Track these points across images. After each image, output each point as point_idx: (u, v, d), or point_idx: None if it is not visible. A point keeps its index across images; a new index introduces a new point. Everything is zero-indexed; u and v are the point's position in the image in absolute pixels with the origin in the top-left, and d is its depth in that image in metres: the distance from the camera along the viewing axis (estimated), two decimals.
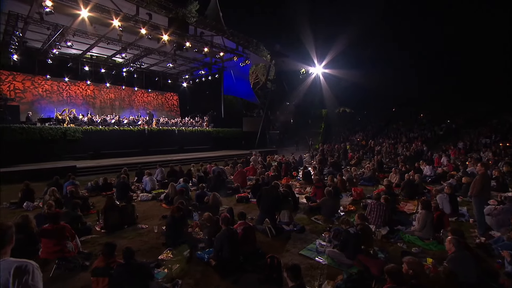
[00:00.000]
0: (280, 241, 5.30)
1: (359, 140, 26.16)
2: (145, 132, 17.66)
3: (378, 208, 5.88)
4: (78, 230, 5.39)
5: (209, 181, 9.27)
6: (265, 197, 5.91)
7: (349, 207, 7.35)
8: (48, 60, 18.43)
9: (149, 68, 24.32)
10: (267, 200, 5.85)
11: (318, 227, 6.02)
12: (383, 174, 12.58)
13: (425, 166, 11.71)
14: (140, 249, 4.94)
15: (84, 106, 21.23)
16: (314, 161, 16.34)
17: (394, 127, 29.73)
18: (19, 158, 13.17)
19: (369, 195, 8.65)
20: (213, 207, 5.76)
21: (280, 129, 32.61)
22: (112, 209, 5.88)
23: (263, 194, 5.98)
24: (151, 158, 15.91)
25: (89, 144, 15.40)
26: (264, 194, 5.95)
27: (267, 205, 5.84)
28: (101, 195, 8.62)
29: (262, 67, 33.62)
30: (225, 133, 23.71)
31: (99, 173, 12.44)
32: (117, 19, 14.12)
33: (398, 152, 19.80)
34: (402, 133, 26.21)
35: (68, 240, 4.16)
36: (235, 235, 4.33)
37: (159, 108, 26.63)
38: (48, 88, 20.07)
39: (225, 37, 19.76)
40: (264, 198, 5.92)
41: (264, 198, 5.92)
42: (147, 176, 9.10)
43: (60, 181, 8.32)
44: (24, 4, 13.83)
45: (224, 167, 12.39)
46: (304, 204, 7.63)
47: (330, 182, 8.69)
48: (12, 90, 18.83)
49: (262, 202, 5.95)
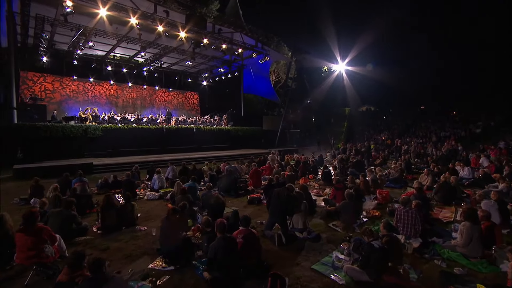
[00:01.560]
0: (291, 251, 4.51)
1: (384, 139, 24.47)
2: (163, 130, 17.47)
3: (408, 215, 4.91)
4: (71, 230, 4.97)
5: (219, 180, 8.66)
6: (275, 200, 5.14)
7: (373, 212, 6.37)
8: (74, 61, 18.88)
9: (169, 68, 24.31)
10: (277, 203, 5.08)
11: (336, 236, 5.14)
12: (411, 175, 11.35)
13: (462, 167, 10.28)
14: (132, 254, 4.38)
15: (107, 105, 21.58)
16: (335, 160, 15.25)
17: (422, 125, 27.60)
18: (43, 154, 13.43)
19: (396, 199, 7.59)
20: (216, 209, 5.09)
21: (301, 127, 31.47)
22: (109, 209, 5.41)
23: (273, 196, 5.22)
24: (169, 156, 15.66)
25: (109, 142, 15.43)
26: (275, 196, 5.19)
27: (277, 208, 5.07)
28: (111, 193, 8.27)
29: (283, 65, 32.70)
30: (244, 132, 23.08)
31: (115, 170, 12.27)
32: (135, 17, 13.98)
33: (427, 151, 18.14)
34: (431, 132, 24.20)
35: (47, 244, 3.67)
36: (233, 245, 3.62)
37: (180, 107, 26.60)
38: (75, 89, 20.60)
39: (244, 33, 19.15)
40: (274, 201, 5.16)
41: (274, 200, 5.16)
42: (156, 174, 8.65)
43: (70, 178, 8.08)
44: (49, 7, 14.14)
45: (239, 166, 11.76)
46: (322, 208, 6.77)
47: (351, 184, 7.74)
48: (43, 91, 19.52)
49: (272, 205, 5.19)
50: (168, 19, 15.10)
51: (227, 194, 8.20)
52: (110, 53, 20.17)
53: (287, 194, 5.03)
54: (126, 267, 3.95)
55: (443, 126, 25.40)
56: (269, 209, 5.27)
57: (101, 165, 12.71)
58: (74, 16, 14.35)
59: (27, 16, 14.60)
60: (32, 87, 19.08)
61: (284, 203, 4.97)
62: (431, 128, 25.60)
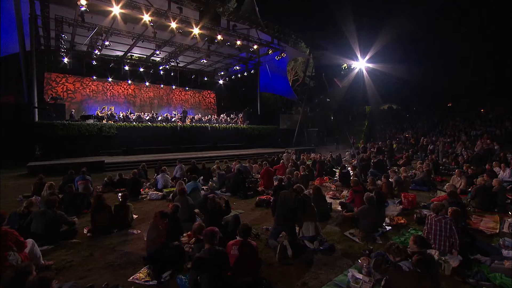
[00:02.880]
0: (297, 266, 3.73)
1: (407, 137, 22.82)
2: (178, 129, 17.17)
3: (442, 224, 3.98)
4: (57, 233, 4.51)
5: (227, 180, 8.02)
6: (281, 204, 4.40)
7: (397, 220, 5.43)
8: (93, 61, 19.10)
9: (186, 67, 24.14)
10: (283, 207, 4.33)
11: (353, 248, 4.30)
12: (440, 177, 10.15)
13: (503, 168, 8.94)
14: (115, 263, 3.80)
15: (125, 104, 21.71)
16: (354, 160, 14.17)
17: (450, 123, 25.55)
18: (60, 152, 13.52)
19: (424, 204, 6.59)
20: (213, 212, 4.43)
21: (320, 126, 30.28)
22: (100, 210, 4.90)
23: (279, 200, 4.48)
24: (183, 155, 15.27)
25: (123, 140, 15.32)
26: (281, 199, 4.44)
27: (282, 214, 4.32)
28: (114, 192, 7.89)
29: (301, 63, 31.68)
30: (260, 130, 22.40)
31: (127, 168, 11.99)
32: (148, 14, 13.73)
33: (456, 151, 16.51)
34: (460, 130, 22.25)
35: (12, 251, 3.17)
36: (222, 259, 2.92)
37: (196, 106, 26.39)
38: (94, 89, 20.89)
39: (260, 29, 18.47)
40: (280, 205, 4.41)
41: (280, 205, 4.41)
42: (160, 173, 8.15)
43: (75, 176, 7.77)
44: (67, 8, 14.21)
45: (251, 165, 11.08)
46: (338, 213, 5.92)
47: (372, 186, 6.80)
48: (65, 91, 19.93)
49: (278, 210, 4.44)
50: (182, 15, 14.74)
51: (235, 195, 7.56)
52: (128, 53, 20.27)
53: (294, 197, 4.27)
54: (103, 279, 3.37)
55: (473, 124, 23.32)
56: (274, 215, 4.53)
57: (113, 163, 12.51)
58: (91, 17, 14.51)
59: (47, 18, 14.81)
60: (55, 88, 19.53)
61: (292, 208, 4.21)
62: (460, 127, 23.58)
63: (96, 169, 11.74)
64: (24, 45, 14.27)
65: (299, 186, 4.66)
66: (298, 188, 4.61)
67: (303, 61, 30.49)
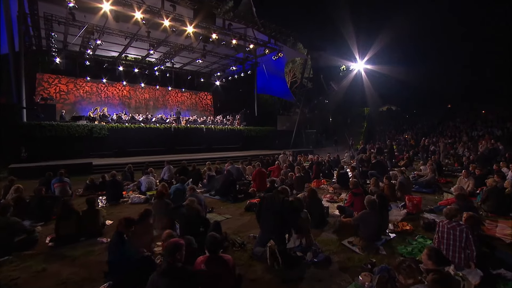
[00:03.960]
0: (287, 282, 3.11)
1: (407, 138, 22.25)
2: (172, 130, 16.56)
3: (456, 233, 3.36)
4: (10, 243, 3.88)
5: (216, 182, 7.39)
6: (267, 209, 3.77)
7: (402, 226, 4.80)
8: (86, 62, 18.55)
9: (182, 68, 23.61)
10: (269, 213, 3.70)
11: (353, 260, 3.67)
12: (444, 179, 9.53)
13: (511, 169, 8.31)
14: (68, 281, 3.16)
15: (120, 106, 21.11)
16: (354, 161, 13.55)
17: (450, 124, 25.04)
18: (48, 154, 12.86)
19: (430, 207, 5.98)
20: (190, 219, 3.80)
21: (318, 128, 29.67)
22: (67, 217, 4.28)
23: (264, 204, 3.85)
24: (177, 157, 14.64)
25: (115, 142, 14.68)
26: (266, 203, 3.82)
27: (268, 220, 3.70)
28: (95, 195, 7.24)
29: (299, 64, 31.21)
30: (257, 132, 21.76)
31: (116, 171, 11.37)
32: (140, 11, 13.20)
33: (458, 152, 15.94)
34: (461, 131, 21.70)
35: None
36: (181, 281, 2.30)
37: (193, 107, 25.79)
38: (88, 90, 20.30)
39: (256, 29, 17.95)
40: (265, 210, 3.79)
41: (265, 210, 3.79)
42: (144, 175, 7.51)
43: (52, 178, 7.13)
44: (57, 6, 13.65)
45: (244, 166, 10.46)
46: (335, 218, 5.29)
47: (374, 188, 6.17)
48: (57, 92, 19.33)
49: (263, 217, 3.82)
50: (175, 13, 14.22)
51: (224, 198, 6.93)
52: (123, 54, 19.73)
53: (280, 202, 3.65)
54: None
55: (473, 125, 22.82)
56: (259, 221, 3.89)
57: (102, 165, 11.89)
58: (84, 16, 14.00)
59: (36, 16, 14.28)
60: (48, 89, 18.92)
61: (278, 214, 3.58)
62: (461, 127, 23.05)
63: (84, 172, 11.11)
64: (13, 45, 13.74)
65: (284, 188, 4.04)
66: (283, 189, 3.99)
67: (301, 62, 30.01)
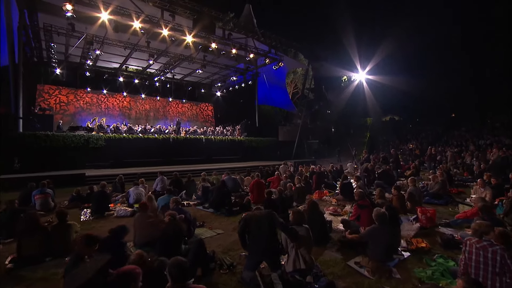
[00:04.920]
0: None
1: (411, 148, 21.61)
2: (170, 141, 16.12)
3: (488, 255, 2.75)
4: None
5: (210, 194, 6.82)
6: (255, 229, 3.18)
7: (416, 243, 4.17)
8: (86, 72, 18.43)
9: (183, 79, 23.47)
10: (257, 234, 3.11)
11: (361, 285, 3.05)
12: (456, 189, 8.87)
13: None
14: None
15: (120, 117, 20.81)
16: (357, 172, 12.91)
17: (455, 133, 24.46)
18: (42, 164, 12.46)
19: (446, 220, 5.35)
20: (167, 237, 3.23)
21: (320, 138, 29.11)
22: (31, 234, 3.74)
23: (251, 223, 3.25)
24: (174, 168, 14.04)
25: (112, 153, 14.23)
26: (254, 222, 3.23)
27: (258, 244, 3.11)
28: (80, 208, 6.71)
29: (301, 75, 31.05)
30: (258, 143, 21.27)
31: (110, 182, 10.85)
32: (138, 21, 13.04)
33: (465, 161, 15.28)
34: (467, 140, 21.07)
35: None
36: None
37: (194, 118, 25.47)
38: (89, 101, 20.09)
39: (256, 38, 17.77)
40: (253, 231, 3.19)
41: (253, 230, 3.19)
42: (133, 186, 6.96)
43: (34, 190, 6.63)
44: (56, 17, 13.55)
45: (242, 177, 9.91)
46: (339, 233, 4.68)
47: (380, 199, 5.56)
48: (58, 103, 19.15)
49: (251, 237, 3.22)
50: (174, 22, 14.05)
51: (217, 211, 6.35)
52: (123, 65, 19.62)
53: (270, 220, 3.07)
54: None
55: (480, 134, 22.21)
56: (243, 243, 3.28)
57: (95, 176, 11.39)
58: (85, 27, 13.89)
59: (36, 28, 14.23)
60: (48, 100, 18.76)
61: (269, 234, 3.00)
62: (467, 136, 22.43)
63: (76, 183, 10.58)
64: (14, 56, 13.58)
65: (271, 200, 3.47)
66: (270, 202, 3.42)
67: (302, 73, 29.85)
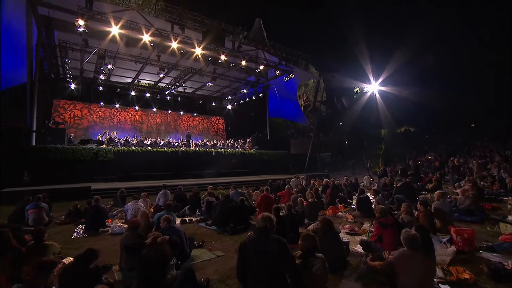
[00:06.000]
0: None
1: (430, 159, 20.33)
2: (179, 154, 15.79)
3: None
4: None
5: (214, 209, 6.23)
6: (256, 264, 2.52)
7: (457, 273, 3.37)
8: (99, 87, 18.72)
9: (194, 93, 23.50)
10: (258, 271, 2.46)
11: None
12: (490, 204, 7.89)
13: None
14: None
15: (132, 131, 20.86)
16: (373, 185, 11.96)
17: (478, 143, 22.95)
18: (52, 177, 12.34)
19: (488, 242, 4.46)
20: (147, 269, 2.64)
21: (333, 151, 28.14)
22: (1, 254, 3.27)
23: (252, 258, 2.53)
24: (183, 182, 13.59)
25: (121, 166, 14.00)
26: (256, 256, 2.55)
27: (258, 276, 2.45)
28: (76, 224, 6.26)
29: (312, 88, 30.63)
30: (269, 156, 20.62)
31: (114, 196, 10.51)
32: (148, 34, 13.08)
33: (491, 173, 13.99)
34: (492, 151, 19.58)
35: None
36: None
37: (205, 132, 25.28)
38: (101, 115, 20.33)
39: (266, 50, 17.56)
40: (253, 265, 2.53)
41: (253, 265, 2.53)
42: (132, 200, 6.47)
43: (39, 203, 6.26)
44: (70, 34, 13.81)
45: (250, 191, 9.28)
46: (359, 257, 3.95)
47: (406, 215, 4.79)
48: (72, 117, 19.47)
49: (251, 273, 2.52)
50: (184, 35, 14.04)
51: (221, 229, 5.73)
52: (136, 80, 19.86)
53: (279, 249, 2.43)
54: None
55: (505, 144, 20.61)
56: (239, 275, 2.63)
57: (101, 189, 11.05)
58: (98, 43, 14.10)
59: (53, 45, 14.57)
60: (63, 114, 19.11)
61: (272, 271, 2.36)
62: (491, 146, 20.91)
63: (81, 196, 10.20)
64: (32, 73, 13.85)
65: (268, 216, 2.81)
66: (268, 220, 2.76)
67: (314, 85, 29.42)
